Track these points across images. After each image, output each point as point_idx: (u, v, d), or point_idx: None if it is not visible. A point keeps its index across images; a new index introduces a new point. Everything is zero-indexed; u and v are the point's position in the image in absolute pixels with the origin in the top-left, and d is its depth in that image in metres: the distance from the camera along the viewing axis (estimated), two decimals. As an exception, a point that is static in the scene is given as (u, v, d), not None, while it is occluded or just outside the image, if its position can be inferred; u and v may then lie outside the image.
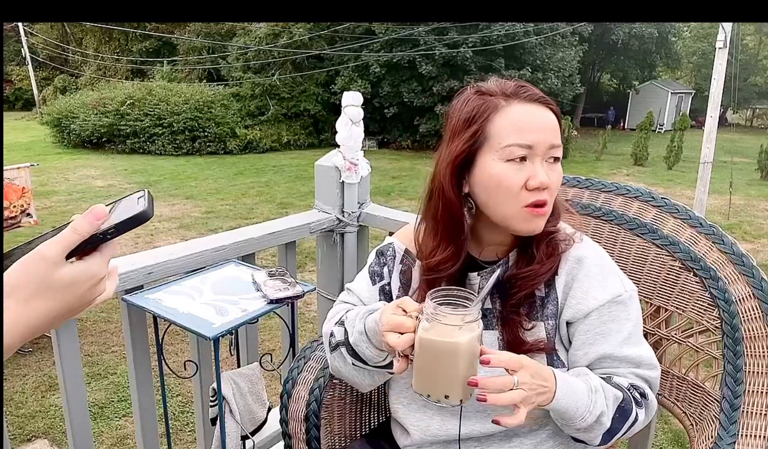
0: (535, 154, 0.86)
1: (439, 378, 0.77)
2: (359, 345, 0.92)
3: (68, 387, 1.32)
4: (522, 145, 0.85)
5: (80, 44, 25.03)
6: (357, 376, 0.97)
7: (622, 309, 0.91)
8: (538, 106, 0.87)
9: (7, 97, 27.84)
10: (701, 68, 29.36)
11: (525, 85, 0.89)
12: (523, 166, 0.85)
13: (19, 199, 4.04)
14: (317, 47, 16.74)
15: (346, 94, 1.80)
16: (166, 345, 2.39)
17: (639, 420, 0.90)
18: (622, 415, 0.87)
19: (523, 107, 0.87)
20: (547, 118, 0.88)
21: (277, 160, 13.92)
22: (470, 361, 0.76)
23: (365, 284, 1.04)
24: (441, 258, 0.93)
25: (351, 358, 0.95)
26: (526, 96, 0.87)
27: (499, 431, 0.94)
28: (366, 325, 0.90)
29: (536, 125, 0.86)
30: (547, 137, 0.86)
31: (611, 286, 0.91)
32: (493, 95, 0.88)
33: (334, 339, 0.98)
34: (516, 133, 0.85)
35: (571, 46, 18.39)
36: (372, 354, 0.91)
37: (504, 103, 0.87)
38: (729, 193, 8.96)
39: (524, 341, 0.90)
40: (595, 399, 0.84)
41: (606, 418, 0.85)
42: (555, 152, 0.87)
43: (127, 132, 14.59)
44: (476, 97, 0.89)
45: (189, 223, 7.61)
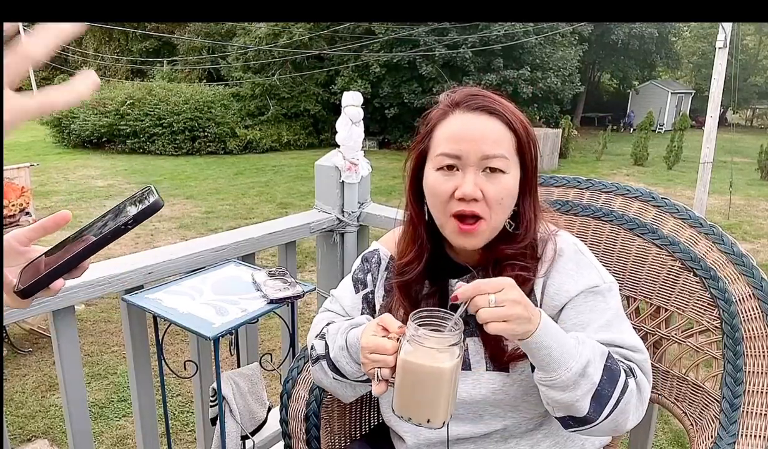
0: (466, 164, 0.83)
1: (422, 402, 0.75)
2: (339, 360, 0.92)
3: (68, 387, 1.31)
4: (449, 154, 0.84)
5: (80, 44, 25.02)
6: (339, 389, 0.97)
7: (600, 299, 0.88)
8: (481, 115, 0.85)
9: (7, 97, 27.81)
10: (701, 68, 29.35)
11: (478, 94, 0.87)
12: (453, 175, 0.84)
13: (18, 198, 4.05)
14: (317, 47, 16.74)
15: (346, 94, 1.80)
16: (166, 345, 2.39)
17: (631, 392, 0.82)
18: (610, 378, 0.80)
19: (462, 116, 0.85)
20: (487, 128, 0.84)
21: (277, 160, 13.92)
22: (453, 385, 0.75)
23: (349, 292, 1.03)
24: (406, 260, 0.94)
25: (332, 373, 0.94)
26: (468, 105, 0.85)
27: (494, 431, 0.94)
28: (347, 341, 0.90)
29: (469, 135, 0.84)
30: (480, 147, 0.83)
31: (587, 278, 0.89)
32: (446, 104, 0.88)
33: (315, 352, 0.98)
34: (446, 142, 0.85)
35: (571, 45, 18.41)
36: (352, 369, 0.91)
37: (449, 112, 0.87)
38: (729, 193, 8.96)
39: (505, 347, 0.89)
40: (580, 348, 0.79)
41: (593, 370, 0.78)
42: (490, 163, 0.83)
43: (127, 132, 14.59)
44: (435, 107, 0.91)
45: (189, 222, 7.61)
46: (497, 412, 0.92)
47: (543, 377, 0.80)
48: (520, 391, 0.90)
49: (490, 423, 0.93)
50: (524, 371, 0.89)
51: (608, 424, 0.81)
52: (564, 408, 0.81)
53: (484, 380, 0.90)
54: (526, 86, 16.08)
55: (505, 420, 0.93)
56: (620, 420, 0.82)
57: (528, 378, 0.89)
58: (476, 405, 0.92)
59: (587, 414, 0.80)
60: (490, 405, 0.92)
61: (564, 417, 0.82)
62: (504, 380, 0.89)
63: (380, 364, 0.79)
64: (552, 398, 0.81)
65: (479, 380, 0.90)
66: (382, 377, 0.79)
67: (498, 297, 0.74)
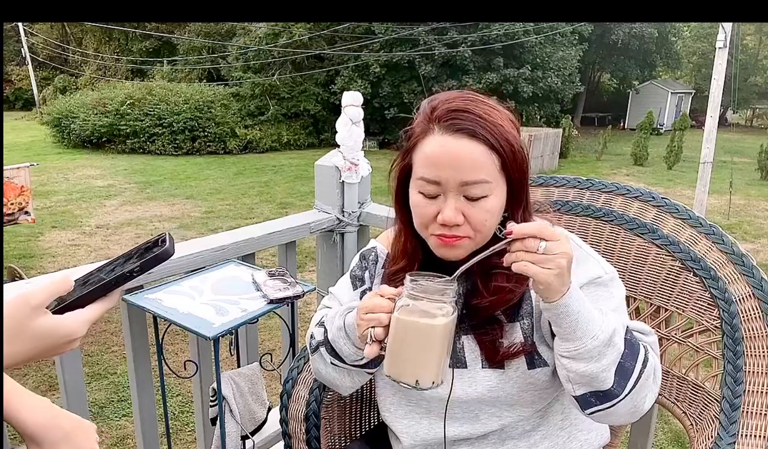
0: (446, 190, 0.81)
1: (412, 360, 0.76)
2: (337, 341, 0.92)
3: (68, 387, 1.32)
4: (428, 180, 0.82)
5: (80, 44, 25.03)
6: (337, 378, 0.97)
7: (604, 290, 0.87)
8: (461, 138, 0.80)
9: (7, 97, 27.84)
10: (701, 68, 29.34)
11: (459, 110, 0.81)
12: (435, 200, 0.83)
13: (17, 197, 4.05)
14: (317, 47, 16.74)
15: (346, 94, 1.80)
16: (166, 345, 2.39)
17: (651, 366, 0.81)
18: (631, 351, 0.79)
19: (441, 139, 0.81)
20: (466, 152, 0.80)
21: (277, 160, 13.92)
22: (445, 344, 0.76)
23: (347, 289, 1.04)
24: (397, 268, 0.94)
25: (330, 357, 0.95)
26: (448, 125, 0.81)
27: (491, 433, 0.94)
28: (345, 321, 0.91)
29: (448, 161, 0.80)
30: (459, 174, 0.80)
31: (588, 271, 0.87)
32: (427, 116, 0.84)
33: (314, 340, 0.98)
34: (426, 167, 0.82)
35: (571, 45, 18.40)
36: (349, 351, 0.91)
37: (429, 129, 0.83)
38: (729, 193, 8.96)
39: (500, 345, 0.89)
40: (605, 318, 0.78)
41: (618, 339, 0.77)
42: (470, 189, 0.80)
43: (127, 132, 14.59)
44: (419, 114, 0.87)
45: (189, 222, 7.61)
46: (493, 411, 0.92)
47: (567, 347, 0.78)
48: (516, 388, 0.90)
49: (486, 422, 0.93)
50: (519, 368, 0.89)
51: (628, 403, 0.80)
52: (587, 383, 0.79)
53: (480, 377, 0.90)
54: (526, 85, 16.08)
55: (501, 419, 0.93)
56: (638, 399, 0.80)
57: (523, 374, 0.89)
58: (472, 404, 0.92)
59: (612, 388, 0.78)
60: (486, 403, 0.92)
61: (585, 394, 0.80)
62: (499, 377, 0.89)
63: (374, 323, 0.79)
64: (576, 370, 0.78)
65: (475, 377, 0.90)
66: (375, 337, 0.79)
67: (549, 246, 0.71)
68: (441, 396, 0.92)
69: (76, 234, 6.89)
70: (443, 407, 0.92)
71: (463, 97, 0.84)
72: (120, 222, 7.56)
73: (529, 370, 0.88)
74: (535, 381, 0.89)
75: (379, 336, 0.79)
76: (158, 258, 0.56)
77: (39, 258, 5.87)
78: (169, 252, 0.56)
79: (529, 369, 0.88)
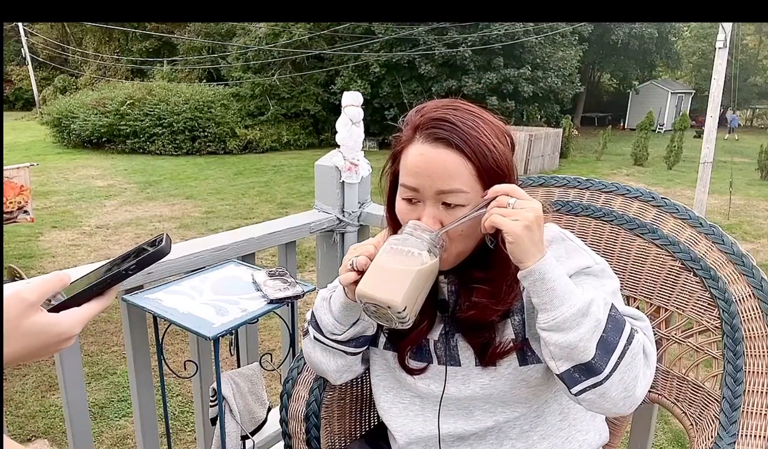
0: (424, 197, 0.83)
1: (387, 280, 0.77)
2: (319, 310, 0.97)
3: (68, 387, 1.32)
4: (409, 187, 0.84)
5: (80, 44, 25.03)
6: (323, 360, 1.00)
7: (594, 279, 0.87)
8: (438, 147, 0.81)
9: (7, 97, 27.86)
10: (701, 68, 29.38)
11: (440, 119, 0.82)
12: (415, 206, 0.85)
13: (17, 196, 4.06)
14: (317, 47, 16.75)
15: (346, 94, 1.80)
16: (166, 345, 2.39)
17: (638, 343, 0.81)
18: (614, 327, 0.79)
19: (422, 147, 0.83)
20: (441, 161, 0.81)
21: (277, 160, 13.93)
22: (424, 280, 0.79)
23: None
24: None
25: (314, 331, 0.98)
26: (428, 134, 0.82)
27: (488, 432, 0.94)
28: (332, 295, 0.95)
29: (425, 169, 0.82)
30: (434, 183, 0.81)
31: (577, 261, 0.88)
32: (413, 124, 0.86)
33: (306, 324, 1.02)
34: (407, 175, 0.84)
35: (571, 45, 18.42)
36: (328, 320, 0.95)
37: (413, 137, 0.85)
38: (729, 193, 8.97)
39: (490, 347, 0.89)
40: (582, 289, 0.80)
41: (596, 309, 0.78)
42: (446, 198, 0.81)
43: (127, 132, 14.60)
44: (407, 121, 0.89)
45: (189, 222, 7.61)
46: (487, 408, 0.93)
47: (545, 319, 0.78)
48: (508, 386, 0.90)
49: (480, 418, 0.94)
50: (511, 364, 0.89)
51: (617, 385, 0.79)
52: (567, 355, 0.78)
53: (474, 375, 0.91)
54: (527, 85, 16.08)
55: (495, 415, 0.93)
56: (628, 380, 0.79)
57: (515, 371, 0.89)
58: (466, 401, 0.93)
59: (593, 361, 0.77)
60: (479, 400, 0.93)
61: (569, 369, 0.79)
62: (492, 374, 0.90)
63: (361, 251, 0.84)
64: (555, 342, 0.78)
65: (468, 375, 0.91)
66: (358, 265, 0.83)
67: (519, 203, 0.77)
68: (435, 393, 0.93)
69: (76, 235, 6.90)
70: (437, 404, 0.94)
71: (447, 106, 0.85)
72: (120, 222, 7.56)
73: (521, 367, 0.89)
74: (527, 378, 0.90)
75: (360, 265, 0.83)
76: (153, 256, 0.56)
77: (39, 259, 5.87)
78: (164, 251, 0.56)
79: (520, 365, 0.89)
